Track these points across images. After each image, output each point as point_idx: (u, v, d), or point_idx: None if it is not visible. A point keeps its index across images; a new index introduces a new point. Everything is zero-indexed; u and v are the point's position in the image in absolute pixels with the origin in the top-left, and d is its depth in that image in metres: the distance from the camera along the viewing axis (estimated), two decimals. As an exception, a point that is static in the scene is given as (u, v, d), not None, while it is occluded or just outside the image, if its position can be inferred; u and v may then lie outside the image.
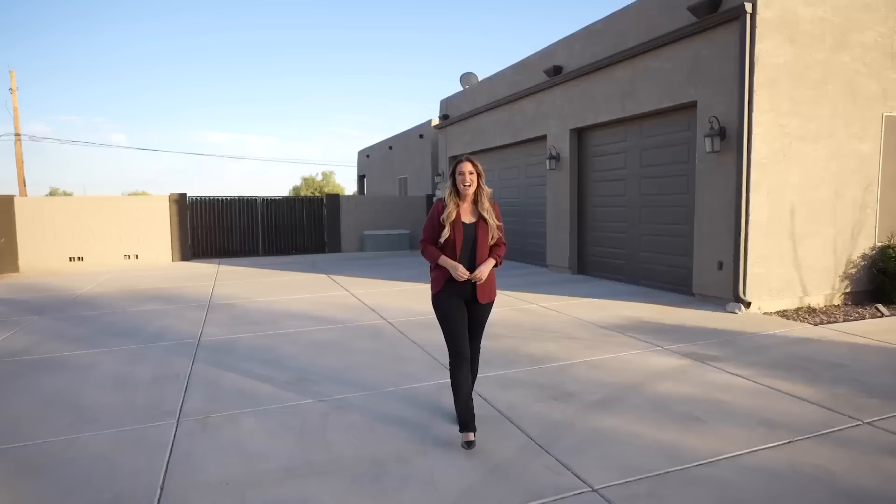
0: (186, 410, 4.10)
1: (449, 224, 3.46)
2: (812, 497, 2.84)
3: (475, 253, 3.49)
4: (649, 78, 8.53)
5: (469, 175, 3.46)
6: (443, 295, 3.53)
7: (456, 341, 3.49)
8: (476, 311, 3.61)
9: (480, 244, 3.50)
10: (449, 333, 3.52)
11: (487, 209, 3.53)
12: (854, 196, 7.67)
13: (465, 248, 3.48)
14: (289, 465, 3.25)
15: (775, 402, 4.10)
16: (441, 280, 3.53)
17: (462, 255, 3.48)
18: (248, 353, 5.58)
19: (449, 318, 3.51)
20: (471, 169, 3.47)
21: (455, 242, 3.46)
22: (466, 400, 3.45)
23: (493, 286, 3.63)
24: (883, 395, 4.22)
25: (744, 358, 5.17)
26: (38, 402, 4.34)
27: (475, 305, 3.59)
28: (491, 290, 3.62)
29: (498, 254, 3.60)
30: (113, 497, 2.93)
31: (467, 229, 3.49)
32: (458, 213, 3.50)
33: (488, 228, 3.52)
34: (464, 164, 3.49)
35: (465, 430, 3.42)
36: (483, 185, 3.52)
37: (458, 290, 3.52)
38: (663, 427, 3.69)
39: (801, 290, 7.46)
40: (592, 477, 3.06)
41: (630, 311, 7.26)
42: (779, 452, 3.32)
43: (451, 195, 3.51)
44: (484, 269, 3.48)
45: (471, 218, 3.53)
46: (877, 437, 3.51)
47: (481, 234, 3.50)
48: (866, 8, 7.40)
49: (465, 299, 3.56)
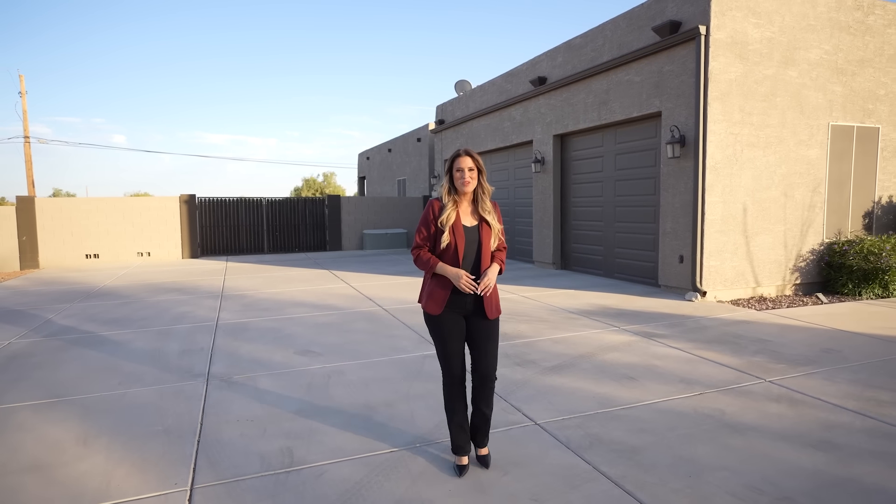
0: (213, 373, 4.98)
1: (448, 228, 3.00)
2: (701, 427, 3.70)
3: (479, 261, 3.07)
4: (621, 89, 9.40)
5: (469, 171, 3.00)
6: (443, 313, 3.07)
7: (450, 360, 3.09)
8: (485, 328, 3.12)
9: (484, 250, 3.06)
10: (443, 353, 3.09)
11: (489, 210, 3.09)
12: (802, 197, 8.54)
13: (467, 255, 3.04)
14: (299, 409, 4.12)
15: (699, 367, 4.96)
16: (441, 297, 3.04)
17: (465, 264, 3.04)
18: (260, 333, 6.45)
19: (445, 338, 3.08)
20: (471, 164, 3.01)
21: (457, 249, 3.00)
22: (461, 423, 3.13)
23: (497, 297, 3.18)
24: (790, 362, 5.08)
25: (686, 335, 6.04)
26: (89, 367, 5.21)
27: (482, 321, 3.11)
28: (497, 302, 3.17)
29: (500, 258, 3.17)
30: (164, 429, 3.80)
31: (469, 233, 3.04)
32: (458, 216, 3.05)
33: (492, 232, 3.07)
34: (463, 159, 3.01)
35: (458, 453, 3.13)
36: (484, 183, 3.06)
37: (458, 304, 3.07)
38: (601, 384, 4.56)
39: (753, 281, 8.32)
40: (537, 416, 3.93)
41: (599, 300, 8.12)
42: (688, 400, 4.19)
43: (448, 194, 3.05)
44: (490, 275, 3.04)
45: (472, 220, 3.08)
46: (770, 390, 4.37)
47: (485, 239, 3.05)
48: (811, 28, 8.27)
49: (464, 314, 3.12)
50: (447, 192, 3.06)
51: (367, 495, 2.93)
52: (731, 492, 2.91)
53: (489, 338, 3.12)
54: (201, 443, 3.57)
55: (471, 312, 3.10)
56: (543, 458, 3.31)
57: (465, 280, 2.97)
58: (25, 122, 24.86)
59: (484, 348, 3.11)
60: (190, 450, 3.47)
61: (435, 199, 3.12)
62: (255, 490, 2.99)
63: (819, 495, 2.87)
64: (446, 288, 3.04)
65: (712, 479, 3.03)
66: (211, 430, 3.76)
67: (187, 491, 2.99)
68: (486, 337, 3.11)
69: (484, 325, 3.11)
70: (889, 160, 9.18)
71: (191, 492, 2.99)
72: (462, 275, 2.98)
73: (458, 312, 3.10)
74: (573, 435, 3.61)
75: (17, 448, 3.54)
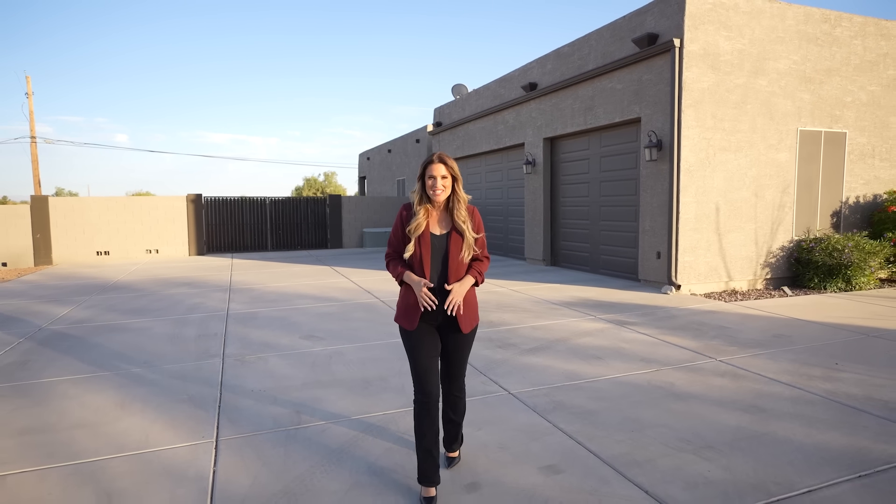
0: (228, 353, 5.59)
1: (415, 238, 2.85)
2: (650, 396, 4.31)
3: (447, 271, 2.88)
4: (605, 96, 10.00)
5: (442, 179, 2.82)
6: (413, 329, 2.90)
7: (423, 377, 2.87)
8: (455, 341, 2.96)
9: (452, 260, 2.86)
10: (416, 369, 2.89)
11: (464, 218, 2.89)
12: (773, 197, 9.14)
13: (434, 265, 2.87)
14: (305, 382, 4.73)
15: (660, 349, 5.57)
16: (414, 312, 2.87)
17: (432, 275, 2.86)
18: (268, 321, 7.06)
19: (416, 351, 2.88)
20: (444, 172, 2.83)
21: (422, 259, 2.85)
22: (430, 449, 2.85)
23: (474, 309, 2.98)
24: (742, 345, 5.69)
25: (654, 323, 6.64)
26: (115, 349, 5.83)
27: (454, 335, 2.94)
28: (473, 314, 2.96)
29: (478, 270, 2.95)
30: (189, 397, 4.41)
31: (437, 242, 2.88)
32: (428, 225, 2.89)
33: (463, 241, 2.88)
34: (435, 166, 2.82)
35: (425, 483, 2.86)
36: (459, 190, 2.88)
37: (428, 316, 2.89)
38: (570, 362, 5.17)
39: (726, 275, 8.93)
40: (511, 387, 4.53)
41: (581, 293, 8.73)
42: (644, 375, 4.79)
43: (420, 202, 2.88)
44: (458, 290, 2.83)
45: (441, 229, 2.91)
46: (718, 368, 4.98)
47: (453, 249, 2.87)
48: (780, 40, 8.87)
49: (437, 325, 2.95)
50: (419, 200, 2.89)
51: (362, 445, 3.54)
52: (664, 442, 3.51)
53: (461, 349, 3.00)
54: (222, 407, 4.18)
55: (442, 324, 2.94)
56: (512, 419, 3.92)
57: (423, 292, 2.79)
58: (32, 123, 25.47)
59: (455, 358, 3.02)
60: (213, 413, 4.08)
61: (405, 205, 2.96)
62: (270, 442, 3.60)
63: (735, 444, 3.47)
64: (417, 304, 2.87)
65: (651, 434, 3.64)
66: (229, 399, 4.37)
67: (213, 442, 3.60)
68: (458, 348, 3.00)
69: (457, 338, 2.97)
70: (856, 163, 9.77)
71: (216, 442, 3.60)
72: (423, 284, 2.80)
73: (431, 324, 2.93)
74: (540, 402, 4.22)
75: (63, 412, 4.15)
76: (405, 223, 2.91)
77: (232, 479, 3.12)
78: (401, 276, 2.92)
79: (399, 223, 2.94)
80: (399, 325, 2.98)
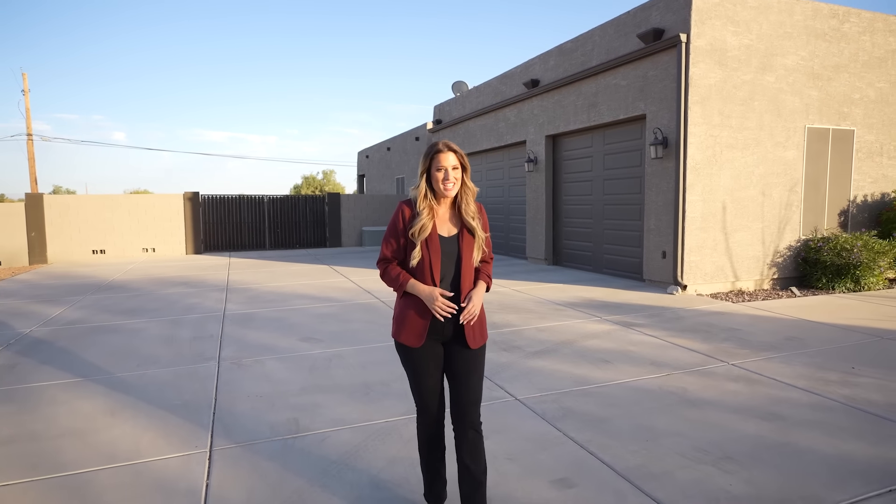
0: (224, 356, 5.41)
1: (421, 242, 2.43)
2: (663, 402, 4.14)
3: (459, 277, 2.48)
4: (609, 93, 9.82)
5: (453, 171, 2.43)
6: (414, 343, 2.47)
7: (425, 397, 2.54)
8: (465, 360, 2.51)
9: (465, 266, 2.48)
10: (417, 388, 2.55)
11: (474, 215, 2.51)
12: (780, 196, 8.97)
13: (445, 272, 2.46)
14: (303, 386, 4.56)
15: (670, 352, 5.40)
16: (419, 327, 2.45)
17: (443, 284, 2.46)
18: (266, 322, 6.88)
19: (419, 371, 2.51)
20: (454, 162, 2.44)
21: (432, 266, 2.43)
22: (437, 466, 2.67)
23: (484, 320, 2.57)
24: (754, 348, 5.52)
25: (662, 325, 6.48)
26: (108, 352, 5.64)
27: (463, 350, 2.50)
28: (483, 328, 2.56)
29: (487, 273, 2.60)
30: (183, 403, 4.23)
31: (447, 245, 2.47)
32: (435, 225, 2.46)
33: (475, 242, 2.51)
34: (443, 156, 2.42)
35: (432, 500, 2.69)
36: (468, 182, 2.50)
37: (434, 328, 2.48)
38: (578, 366, 5.00)
39: (732, 275, 8.76)
40: (518, 393, 4.36)
41: (585, 293, 8.56)
42: (655, 380, 4.62)
43: (424, 198, 2.46)
44: (476, 299, 2.45)
45: (451, 229, 2.50)
46: (730, 372, 4.81)
47: (466, 252, 2.48)
48: (788, 36, 8.70)
49: (443, 341, 2.53)
50: (423, 196, 2.45)
51: (363, 455, 3.36)
52: (681, 452, 3.34)
53: (471, 370, 2.51)
54: (216, 414, 4.00)
55: (449, 339, 2.51)
56: (520, 427, 3.75)
57: (440, 303, 2.38)
58: (28, 120, 25.24)
59: (465, 381, 2.50)
60: (207, 420, 3.90)
61: (405, 202, 2.52)
62: (266, 452, 3.43)
63: (757, 455, 3.30)
64: (424, 316, 2.44)
65: (666, 443, 3.47)
66: (224, 404, 4.19)
67: (207, 452, 3.43)
68: (468, 369, 2.50)
69: (466, 355, 2.50)
70: (864, 161, 9.61)
71: (210, 452, 3.42)
72: (437, 295, 2.39)
73: (435, 339, 2.51)
74: (548, 408, 4.05)
75: (52, 418, 3.98)
76: (407, 224, 2.46)
77: (225, 495, 2.94)
78: (404, 285, 2.45)
79: (399, 223, 2.48)
80: (398, 343, 2.52)
